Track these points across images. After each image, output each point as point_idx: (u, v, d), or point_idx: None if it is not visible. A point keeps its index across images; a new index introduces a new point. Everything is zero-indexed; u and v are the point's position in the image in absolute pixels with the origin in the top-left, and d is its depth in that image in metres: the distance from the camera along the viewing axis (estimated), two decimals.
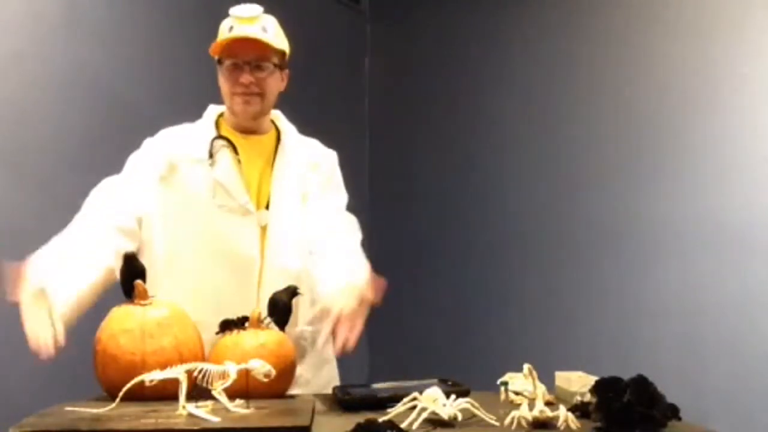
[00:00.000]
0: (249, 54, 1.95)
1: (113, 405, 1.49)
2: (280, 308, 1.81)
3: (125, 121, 2.85)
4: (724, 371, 3.16)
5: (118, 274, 1.75)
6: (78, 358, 1.64)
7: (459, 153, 4.06)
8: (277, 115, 2.13)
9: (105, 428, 1.34)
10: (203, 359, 1.67)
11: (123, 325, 1.64)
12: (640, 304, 3.41)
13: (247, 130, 2.04)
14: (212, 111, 2.08)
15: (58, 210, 2.63)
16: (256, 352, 1.65)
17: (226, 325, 1.76)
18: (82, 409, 1.47)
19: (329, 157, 2.16)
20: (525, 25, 3.88)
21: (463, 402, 1.43)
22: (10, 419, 1.37)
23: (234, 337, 1.72)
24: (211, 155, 1.98)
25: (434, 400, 1.41)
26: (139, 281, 1.70)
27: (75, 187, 2.65)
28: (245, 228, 1.97)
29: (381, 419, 1.30)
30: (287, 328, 1.81)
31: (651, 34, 3.46)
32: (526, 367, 1.50)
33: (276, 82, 2.02)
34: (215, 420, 1.38)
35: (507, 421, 1.39)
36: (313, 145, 2.16)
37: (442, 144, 4.13)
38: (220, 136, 2.01)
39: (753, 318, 3.12)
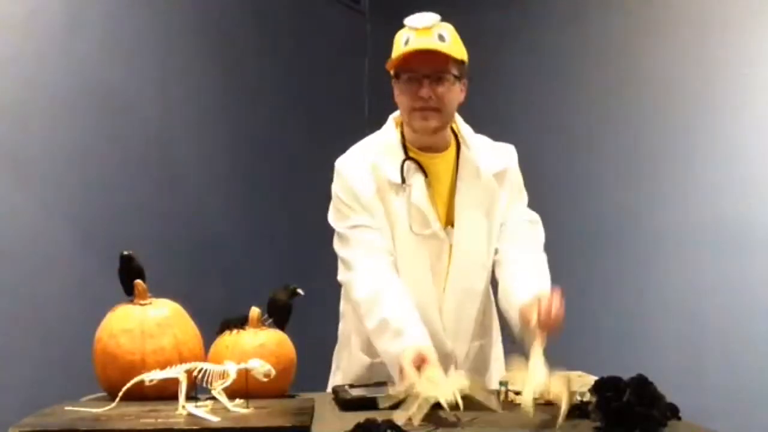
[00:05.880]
0: (427, 66, 1.83)
1: (113, 405, 1.49)
2: (280, 308, 1.81)
3: (124, 122, 2.84)
4: (724, 371, 3.16)
5: None
6: (78, 358, 1.64)
7: None
8: (454, 119, 2.00)
9: (105, 428, 1.34)
10: (203, 359, 1.67)
11: (123, 325, 1.65)
12: (640, 304, 3.41)
13: (428, 148, 1.92)
14: (394, 124, 1.98)
15: (58, 210, 2.65)
16: (256, 352, 1.65)
17: (226, 325, 1.75)
18: (82, 409, 1.47)
19: (512, 160, 2.05)
20: (525, 26, 3.88)
21: (461, 379, 1.47)
22: (9, 419, 1.37)
23: (234, 337, 1.72)
24: (403, 179, 1.88)
25: (432, 383, 1.43)
26: (139, 281, 1.71)
27: (74, 187, 2.67)
28: (436, 252, 1.89)
29: (380, 419, 1.30)
30: (451, 343, 1.85)
31: (652, 37, 3.46)
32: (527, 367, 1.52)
33: (455, 95, 1.90)
34: (215, 420, 1.39)
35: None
36: (493, 148, 2.04)
37: None
38: (409, 158, 1.90)
39: (753, 318, 3.11)
